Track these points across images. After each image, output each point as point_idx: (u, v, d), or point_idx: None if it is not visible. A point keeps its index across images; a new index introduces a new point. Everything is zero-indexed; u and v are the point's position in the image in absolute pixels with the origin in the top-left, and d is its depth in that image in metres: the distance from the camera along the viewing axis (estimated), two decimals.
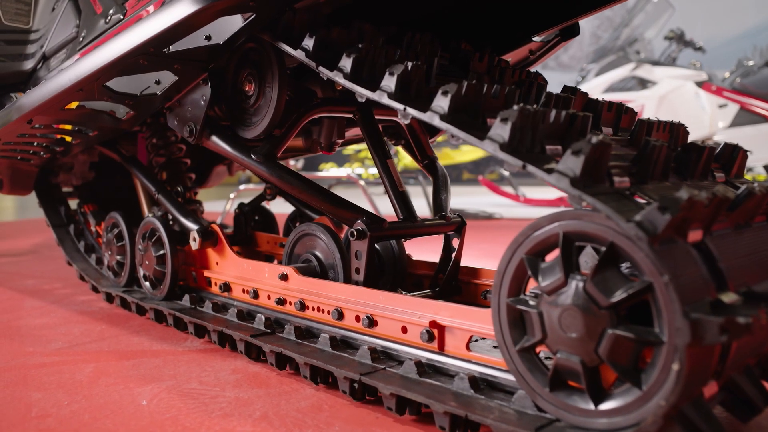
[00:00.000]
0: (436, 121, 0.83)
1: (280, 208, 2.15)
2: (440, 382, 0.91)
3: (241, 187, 4.01)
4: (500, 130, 0.76)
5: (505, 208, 5.48)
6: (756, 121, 4.99)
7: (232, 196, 3.91)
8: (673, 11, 5.86)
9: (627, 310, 0.70)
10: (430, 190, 4.45)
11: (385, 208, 2.70)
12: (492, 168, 8.71)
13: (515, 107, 0.77)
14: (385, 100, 0.90)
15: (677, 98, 5.18)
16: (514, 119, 0.76)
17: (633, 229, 0.64)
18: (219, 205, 4.84)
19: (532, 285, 0.80)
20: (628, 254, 0.68)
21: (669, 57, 5.69)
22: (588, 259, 0.92)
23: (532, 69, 1.44)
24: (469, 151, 10.21)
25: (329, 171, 5.35)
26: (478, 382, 0.88)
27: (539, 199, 5.80)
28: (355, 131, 1.63)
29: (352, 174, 4.30)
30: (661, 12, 5.91)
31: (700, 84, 5.25)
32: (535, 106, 0.79)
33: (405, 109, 0.87)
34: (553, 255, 0.77)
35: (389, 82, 0.90)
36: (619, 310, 0.69)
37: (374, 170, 9.15)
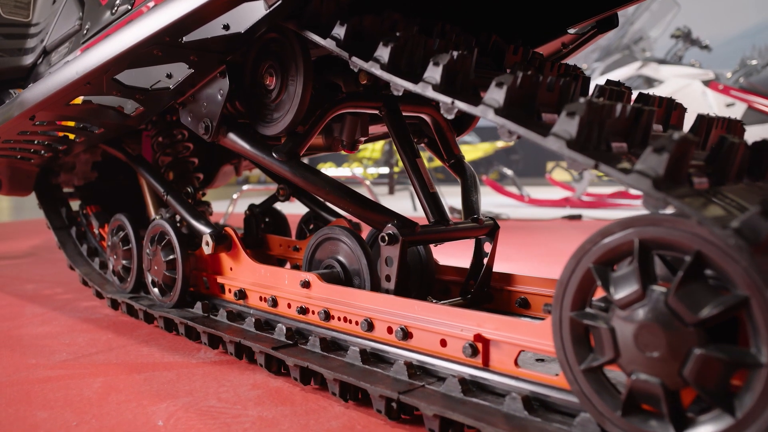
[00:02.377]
0: (490, 116, 0.75)
1: (289, 209, 2.07)
2: (488, 402, 0.83)
3: (245, 187, 3.92)
4: (567, 125, 0.69)
5: (511, 208, 5.41)
6: (764, 120, 4.93)
7: (235, 196, 3.82)
8: (679, 9, 5.80)
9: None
10: (438, 190, 4.37)
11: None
12: (494, 167, 8.65)
13: (582, 100, 0.69)
14: (430, 93, 0.81)
15: (684, 97, 5.11)
16: (583, 113, 0.68)
17: (731, 238, 0.57)
18: (219, 205, 4.74)
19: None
20: (718, 265, 0.60)
21: (675, 55, 5.63)
22: None
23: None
24: (468, 151, 10.14)
25: (327, 171, 5.27)
26: (531, 403, 0.80)
27: (544, 200, 5.73)
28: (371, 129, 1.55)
29: (357, 174, 4.22)
30: (666, 10, 5.85)
31: (706, 83, 5.19)
32: (601, 99, 0.72)
33: (453, 102, 0.79)
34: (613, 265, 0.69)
35: (434, 73, 0.82)
36: (706, 328, 0.61)
37: (373, 170, 9.07)
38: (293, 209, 2.15)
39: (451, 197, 3.84)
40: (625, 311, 0.66)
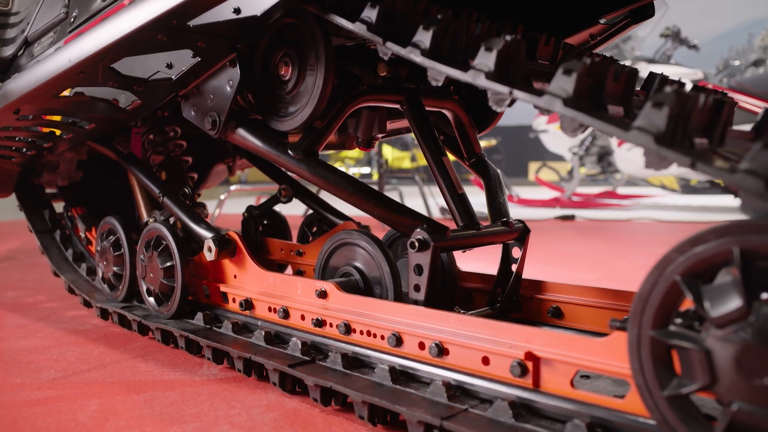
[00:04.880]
0: (558, 107, 0.65)
1: (290, 210, 1.97)
2: (544, 429, 0.74)
3: (233, 187, 3.79)
4: (654, 117, 0.60)
5: None
6: (753, 119, 4.93)
7: (222, 197, 3.69)
8: (667, 9, 5.77)
9: None
10: (429, 190, 4.28)
11: None
12: None
13: (668, 89, 0.60)
14: (482, 82, 0.72)
15: None
16: (672, 104, 0.59)
17: None
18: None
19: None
20: None
21: (664, 55, 5.62)
22: None
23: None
24: None
25: None
26: (595, 430, 0.72)
27: (534, 200, 5.68)
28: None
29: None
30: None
31: (696, 83, 5.18)
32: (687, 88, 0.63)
33: (511, 92, 0.70)
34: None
35: (486, 59, 0.73)
36: None
37: (356, 170, 8.94)
38: (295, 210, 2.05)
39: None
40: (723, 331, 0.58)
